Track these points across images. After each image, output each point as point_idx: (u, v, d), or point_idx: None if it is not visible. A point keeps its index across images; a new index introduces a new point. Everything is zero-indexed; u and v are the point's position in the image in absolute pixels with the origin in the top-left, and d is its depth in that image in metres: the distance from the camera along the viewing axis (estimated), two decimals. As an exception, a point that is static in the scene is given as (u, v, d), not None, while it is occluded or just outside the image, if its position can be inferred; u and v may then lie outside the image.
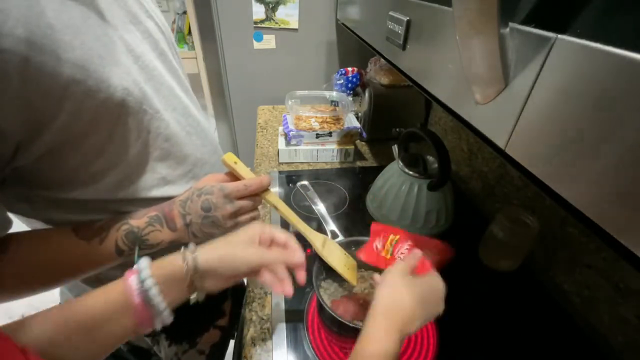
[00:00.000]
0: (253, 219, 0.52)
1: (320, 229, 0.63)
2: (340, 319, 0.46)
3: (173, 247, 0.45)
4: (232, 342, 0.78)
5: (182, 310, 0.40)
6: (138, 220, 0.45)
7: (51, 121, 0.34)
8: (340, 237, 0.66)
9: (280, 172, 1.00)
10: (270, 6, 1.22)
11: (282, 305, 0.61)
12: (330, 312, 0.47)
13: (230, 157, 0.50)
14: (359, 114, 1.20)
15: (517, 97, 0.24)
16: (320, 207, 0.59)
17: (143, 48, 0.46)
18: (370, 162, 1.09)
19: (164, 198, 0.49)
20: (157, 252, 0.49)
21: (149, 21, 0.48)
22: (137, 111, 0.42)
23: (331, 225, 0.56)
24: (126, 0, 0.44)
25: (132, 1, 0.46)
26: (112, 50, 0.39)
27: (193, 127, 0.54)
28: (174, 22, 2.38)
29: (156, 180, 0.48)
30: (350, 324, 0.45)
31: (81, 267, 0.44)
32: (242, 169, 0.50)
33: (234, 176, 0.51)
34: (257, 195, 0.51)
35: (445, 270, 0.46)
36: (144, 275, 0.36)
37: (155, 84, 0.46)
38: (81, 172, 0.40)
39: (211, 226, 0.47)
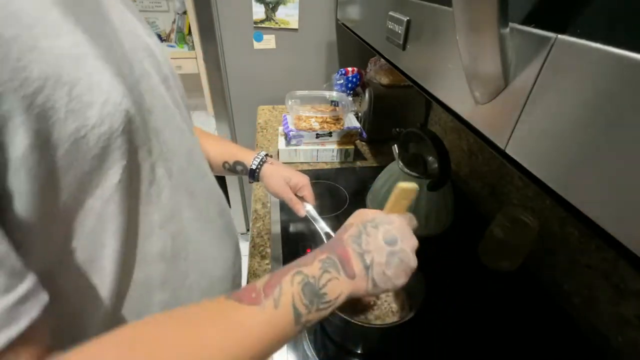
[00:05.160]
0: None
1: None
2: (340, 315, 0.46)
3: None
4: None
5: None
6: (310, 267, 0.32)
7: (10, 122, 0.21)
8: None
9: (280, 172, 1.00)
10: (270, 6, 1.22)
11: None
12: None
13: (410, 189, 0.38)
14: (359, 114, 1.20)
15: (517, 97, 0.24)
16: (310, 209, 0.60)
17: (145, 65, 0.35)
18: (370, 162, 1.09)
19: (149, 284, 0.36)
20: None
21: (150, 39, 0.38)
22: (138, 150, 0.30)
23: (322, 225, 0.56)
24: (122, 7, 0.35)
25: (127, 8, 0.37)
26: (112, 55, 0.29)
27: (198, 180, 0.42)
28: (174, 22, 2.39)
29: (151, 256, 0.35)
30: (351, 321, 0.45)
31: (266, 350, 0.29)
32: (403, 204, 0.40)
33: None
34: None
35: (445, 270, 0.46)
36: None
37: (158, 115, 0.34)
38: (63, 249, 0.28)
39: (398, 266, 0.34)
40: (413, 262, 0.34)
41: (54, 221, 0.25)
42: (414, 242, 0.35)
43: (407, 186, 0.37)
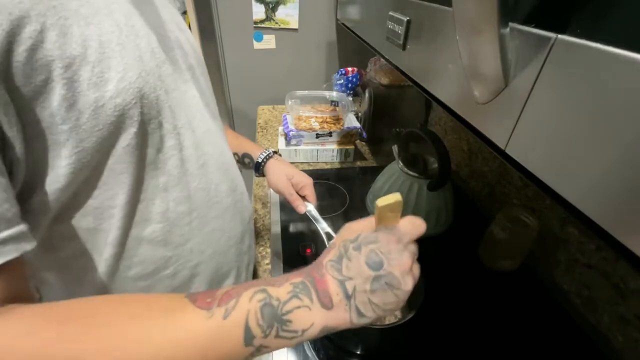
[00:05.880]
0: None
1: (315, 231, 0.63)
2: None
3: None
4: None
5: None
6: (278, 289, 0.30)
7: (39, 99, 0.27)
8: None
9: (280, 172, 1.00)
10: (270, 6, 1.22)
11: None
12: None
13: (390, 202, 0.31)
14: (359, 114, 1.20)
15: (517, 97, 0.24)
16: (311, 209, 0.59)
17: (175, 54, 0.41)
18: (370, 162, 1.09)
19: (152, 240, 0.40)
20: None
21: (179, 33, 0.44)
22: (149, 121, 0.35)
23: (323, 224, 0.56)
24: (156, 5, 0.41)
25: (163, 8, 0.42)
26: (133, 42, 0.33)
27: (213, 158, 0.45)
28: (174, 22, 2.38)
29: (154, 214, 0.39)
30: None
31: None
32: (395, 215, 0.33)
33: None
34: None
35: (445, 270, 0.46)
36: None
37: (177, 96, 0.39)
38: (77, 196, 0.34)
39: (385, 292, 0.30)
40: (404, 285, 0.30)
41: (78, 170, 0.31)
42: (404, 263, 0.31)
43: (388, 201, 0.31)
